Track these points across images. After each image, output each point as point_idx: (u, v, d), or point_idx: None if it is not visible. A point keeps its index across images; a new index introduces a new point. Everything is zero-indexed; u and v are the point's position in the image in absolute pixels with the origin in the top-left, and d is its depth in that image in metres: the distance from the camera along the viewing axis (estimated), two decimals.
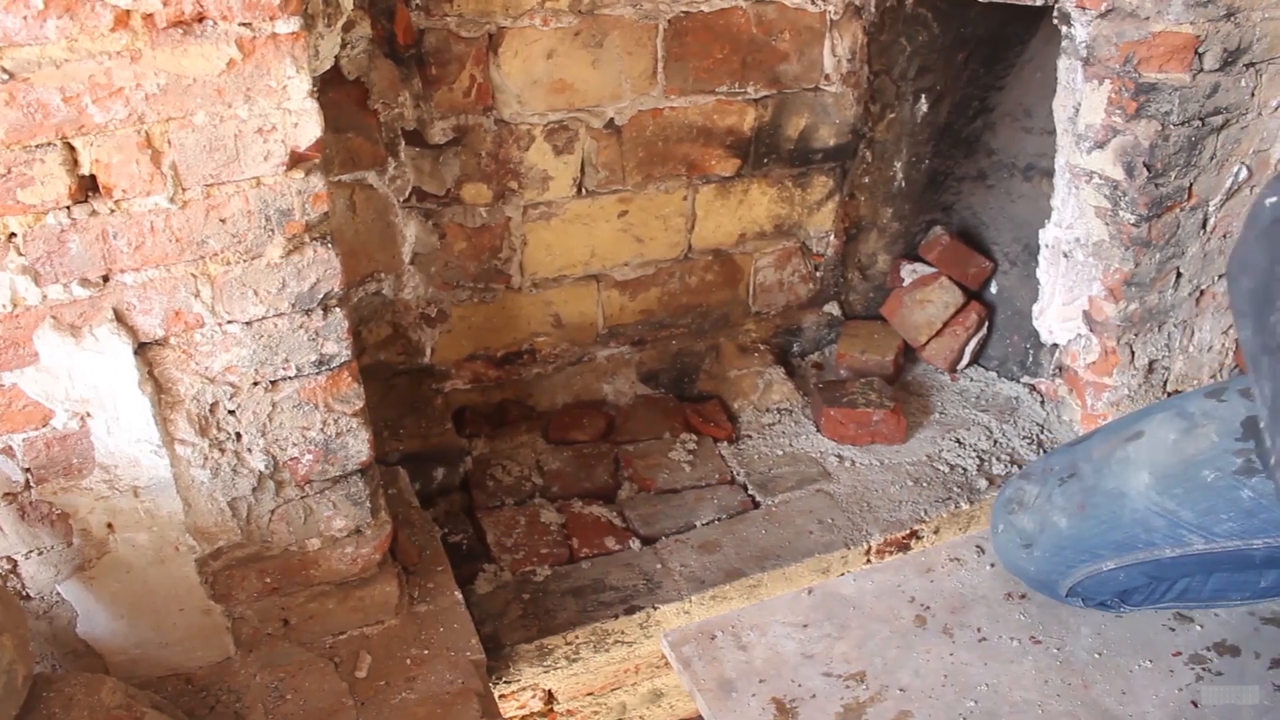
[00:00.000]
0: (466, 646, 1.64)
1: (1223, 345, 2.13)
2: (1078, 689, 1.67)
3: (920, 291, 2.40)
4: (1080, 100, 1.95)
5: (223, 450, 1.40)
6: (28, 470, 1.32)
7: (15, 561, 1.37)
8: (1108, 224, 1.97)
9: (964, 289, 2.40)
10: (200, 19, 1.13)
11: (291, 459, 1.45)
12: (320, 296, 1.36)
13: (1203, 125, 1.85)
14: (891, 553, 1.98)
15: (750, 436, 2.24)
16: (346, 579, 1.59)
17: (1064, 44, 1.95)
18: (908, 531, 1.99)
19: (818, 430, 2.24)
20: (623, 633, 1.82)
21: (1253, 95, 1.87)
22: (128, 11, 1.10)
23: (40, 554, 1.38)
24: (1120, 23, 1.83)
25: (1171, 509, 1.51)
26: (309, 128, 1.24)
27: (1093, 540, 1.60)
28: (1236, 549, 1.48)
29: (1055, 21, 1.94)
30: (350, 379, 1.44)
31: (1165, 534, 1.52)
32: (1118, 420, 1.65)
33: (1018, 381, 2.37)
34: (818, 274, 2.43)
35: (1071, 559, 1.63)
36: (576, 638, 1.79)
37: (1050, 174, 2.10)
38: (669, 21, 1.97)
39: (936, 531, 2.01)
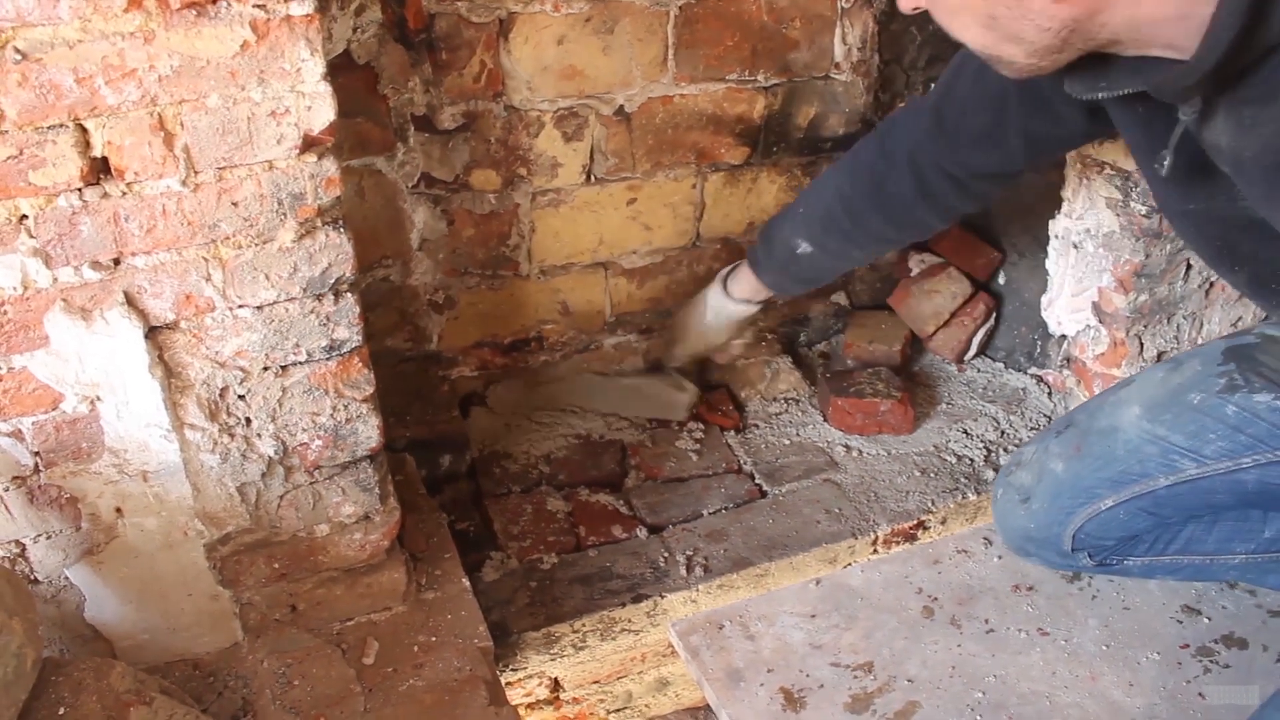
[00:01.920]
0: (474, 634, 1.64)
1: None
2: (1085, 680, 1.68)
3: (928, 282, 2.39)
4: None
5: (232, 435, 1.39)
6: (37, 454, 1.31)
7: (24, 545, 1.37)
8: (1119, 215, 1.96)
9: (972, 279, 2.39)
10: (214, 0, 1.12)
11: (301, 444, 1.44)
12: (332, 281, 1.35)
13: None
14: (899, 543, 1.98)
15: (757, 426, 2.24)
16: (354, 565, 1.59)
17: None
18: (915, 522, 1.98)
19: (825, 420, 2.23)
20: (629, 621, 1.82)
21: None
22: None
23: (49, 538, 1.37)
24: None
25: (1162, 435, 1.54)
26: (322, 111, 1.23)
27: (1089, 479, 1.61)
28: (1227, 471, 1.51)
29: None
30: (361, 364, 1.43)
31: (1158, 461, 1.55)
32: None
33: (1025, 373, 2.37)
34: None
35: (1070, 504, 1.64)
36: (583, 626, 1.79)
37: (1060, 165, 2.09)
38: (680, 8, 1.96)
39: (944, 522, 2.01)
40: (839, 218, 1.81)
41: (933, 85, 1.75)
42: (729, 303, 2.04)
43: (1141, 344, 2.04)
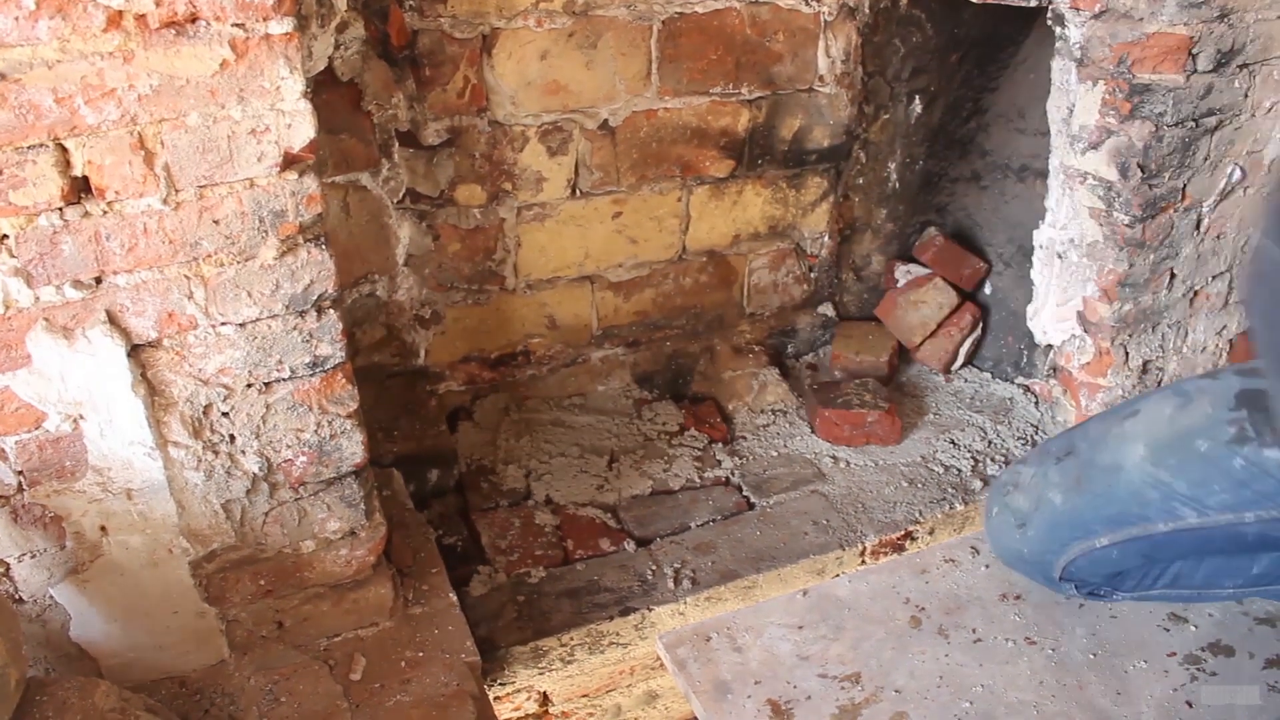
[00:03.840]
0: (461, 649, 1.63)
1: (1216, 346, 2.13)
2: (1073, 690, 1.67)
3: (915, 293, 2.40)
4: (1074, 101, 1.95)
5: (216, 453, 1.39)
6: (20, 473, 1.31)
7: (8, 565, 1.37)
8: (1102, 225, 1.97)
9: (958, 290, 2.40)
10: (193, 19, 1.13)
11: (285, 461, 1.45)
12: (314, 298, 1.35)
13: (1196, 126, 1.86)
14: (886, 554, 1.98)
15: (745, 438, 2.24)
16: (341, 581, 1.59)
17: (1058, 45, 1.96)
18: (902, 533, 1.99)
19: (812, 431, 2.24)
20: (618, 634, 1.82)
21: (1246, 96, 1.87)
22: (120, 12, 1.10)
23: (33, 557, 1.37)
24: (1114, 24, 1.83)
25: (1165, 480, 1.50)
26: (302, 129, 1.23)
27: (1087, 515, 1.59)
28: (1229, 523, 1.47)
29: (1049, 22, 1.94)
30: (344, 380, 1.44)
31: (1159, 507, 1.51)
32: (1117, 405, 1.65)
33: (1012, 382, 2.38)
34: (812, 275, 2.43)
35: (1066, 536, 1.62)
36: (571, 639, 1.78)
37: (1044, 175, 2.10)
38: (663, 23, 1.97)
39: (931, 532, 2.01)
40: None
41: (927, 100, 1.74)
42: None
43: (1127, 353, 2.05)
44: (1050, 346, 2.22)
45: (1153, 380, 2.10)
